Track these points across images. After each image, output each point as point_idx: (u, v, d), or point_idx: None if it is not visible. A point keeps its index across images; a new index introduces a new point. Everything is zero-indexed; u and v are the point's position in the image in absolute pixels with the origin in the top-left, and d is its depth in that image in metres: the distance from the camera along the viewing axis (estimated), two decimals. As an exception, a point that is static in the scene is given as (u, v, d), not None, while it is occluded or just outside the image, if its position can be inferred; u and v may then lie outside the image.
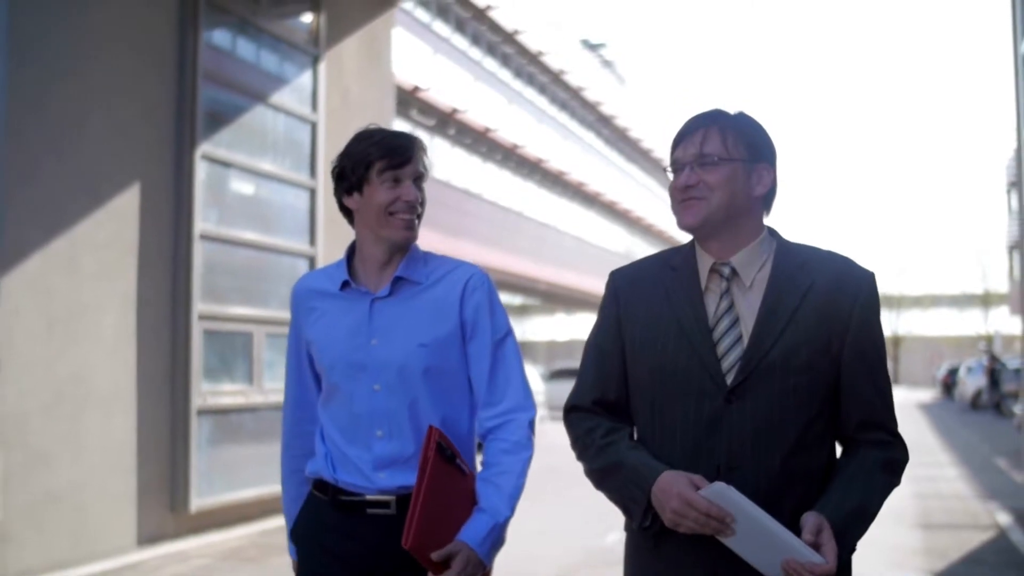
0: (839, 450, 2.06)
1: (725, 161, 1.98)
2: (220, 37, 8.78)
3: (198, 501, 7.95)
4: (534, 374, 21.85)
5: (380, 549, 2.27)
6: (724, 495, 1.80)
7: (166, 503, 7.83)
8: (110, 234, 7.37)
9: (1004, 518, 8.79)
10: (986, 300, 55.56)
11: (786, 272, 1.99)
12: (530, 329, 39.88)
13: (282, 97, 9.39)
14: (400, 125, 18.11)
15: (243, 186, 9.02)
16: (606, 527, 7.89)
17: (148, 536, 7.57)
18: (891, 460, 1.99)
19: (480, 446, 2.41)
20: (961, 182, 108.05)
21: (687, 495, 1.84)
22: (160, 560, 7.16)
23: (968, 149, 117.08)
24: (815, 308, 1.94)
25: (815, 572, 1.76)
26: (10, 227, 6.54)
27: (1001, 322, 49.55)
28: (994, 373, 27.59)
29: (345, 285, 2.39)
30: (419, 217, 2.36)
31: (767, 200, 2.05)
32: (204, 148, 8.22)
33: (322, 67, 9.88)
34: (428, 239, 17.01)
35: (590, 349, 2.16)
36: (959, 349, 54.00)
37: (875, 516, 1.93)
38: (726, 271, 2.01)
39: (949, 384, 38.11)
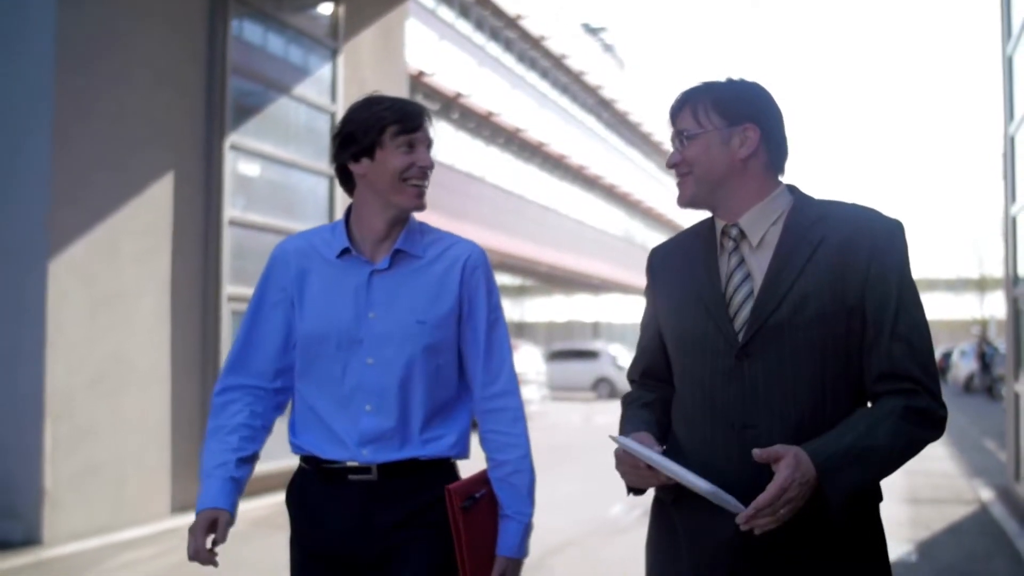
0: None
1: (699, 134, 2.01)
2: (246, 31, 9.19)
3: (227, 473, 8.42)
4: (536, 354, 22.29)
5: (363, 514, 2.27)
6: (627, 446, 1.89)
7: (197, 475, 8.31)
8: (147, 221, 7.82)
9: (987, 494, 9.30)
10: (982, 285, 56.04)
11: (799, 227, 1.97)
12: (529, 310, 40.27)
13: (303, 88, 9.81)
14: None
15: (267, 174, 9.45)
16: (610, 499, 8.37)
17: (181, 505, 8.04)
18: (914, 408, 1.85)
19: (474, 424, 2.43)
20: (958, 167, 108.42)
21: (616, 451, 1.96)
22: (194, 527, 7.62)
23: (966, 134, 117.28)
24: (827, 261, 1.91)
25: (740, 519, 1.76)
26: (56, 216, 6.98)
27: (996, 307, 50.10)
28: (985, 357, 28.06)
29: (344, 252, 2.34)
30: (426, 186, 2.35)
31: (772, 157, 2.04)
32: (232, 138, 8.66)
33: (341, 59, 10.31)
34: (432, 221, 17.34)
35: (641, 322, 2.26)
36: (955, 333, 54.47)
37: (888, 461, 1.83)
38: (734, 232, 2.03)
39: (943, 368, 38.71)
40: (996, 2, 9.65)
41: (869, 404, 1.94)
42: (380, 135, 2.27)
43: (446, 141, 27.46)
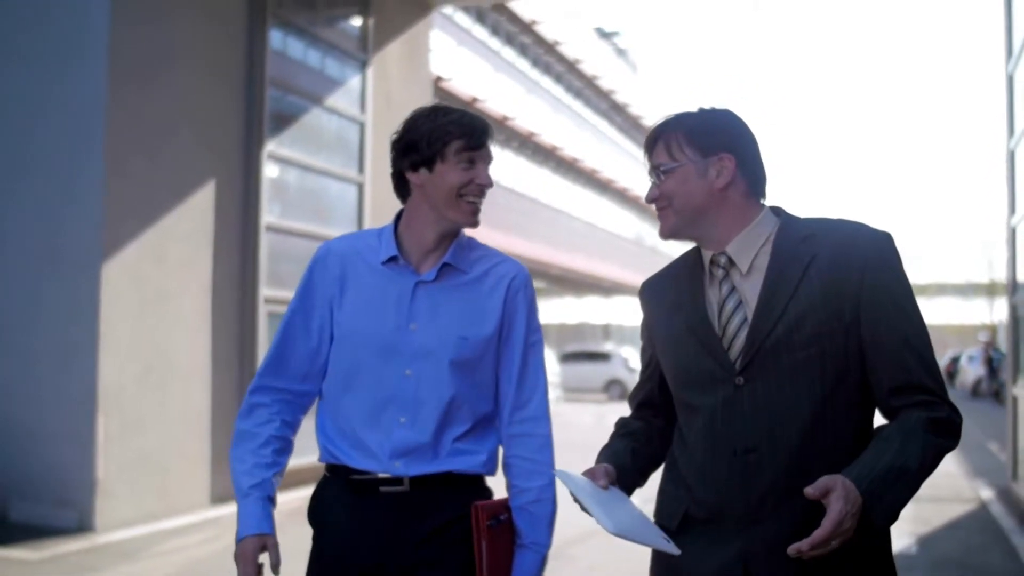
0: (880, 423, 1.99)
1: (674, 168, 2.02)
2: (282, 46, 9.64)
3: (262, 466, 8.87)
4: (549, 356, 22.72)
5: (395, 527, 2.24)
6: (565, 479, 1.92)
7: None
8: (190, 227, 8.27)
9: (986, 493, 9.70)
10: (991, 289, 56.09)
11: (787, 248, 1.97)
12: (539, 312, 40.77)
13: (335, 99, 10.26)
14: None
15: (301, 181, 9.91)
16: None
17: (219, 496, 8.48)
18: (936, 419, 1.85)
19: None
20: (969, 173, 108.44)
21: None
22: (234, 518, 8.06)
23: (977, 140, 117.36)
24: (819, 279, 1.91)
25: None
26: (109, 222, 7.44)
27: (1005, 312, 50.15)
28: (992, 362, 28.30)
29: (391, 260, 2.31)
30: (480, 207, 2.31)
31: (751, 183, 2.04)
32: (269, 148, 9.11)
33: (370, 71, 10.76)
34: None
35: (641, 358, 2.28)
36: (964, 338, 54.54)
37: (921, 476, 1.80)
38: (722, 260, 2.03)
39: (951, 372, 38.89)
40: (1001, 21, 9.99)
41: (884, 419, 1.94)
42: (443, 148, 2.24)
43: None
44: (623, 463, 2.11)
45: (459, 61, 27.37)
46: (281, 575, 2.24)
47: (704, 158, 2.01)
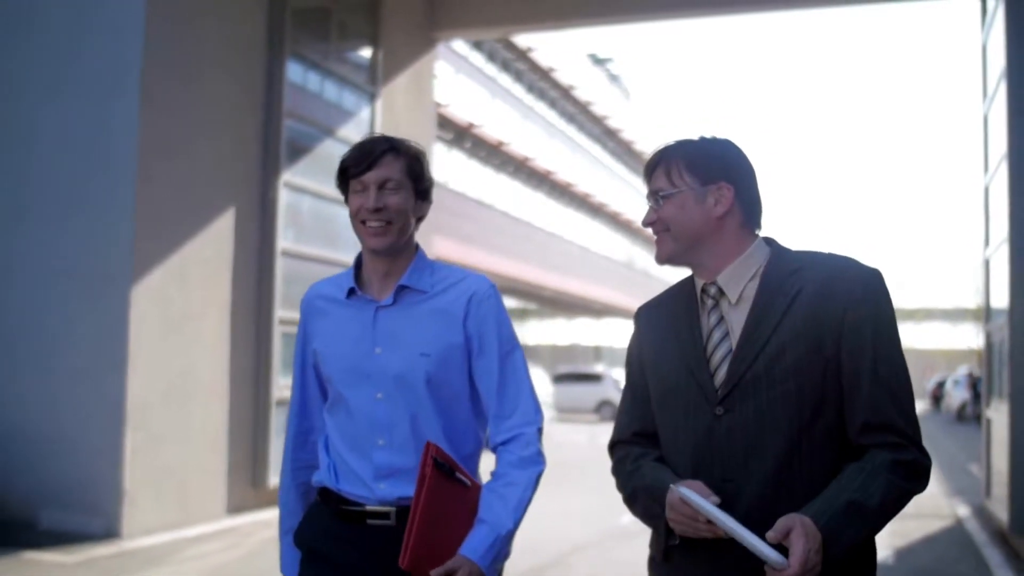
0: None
1: (673, 193, 2.03)
2: (297, 79, 10.15)
3: (274, 479, 9.30)
4: (543, 377, 23.18)
5: (380, 559, 2.26)
6: (688, 498, 1.84)
7: (249, 479, 9.20)
8: (211, 251, 8.75)
9: (963, 511, 10.20)
10: (979, 315, 56.64)
11: (775, 281, 1.98)
12: (530, 333, 41.16)
13: (347, 130, 10.77)
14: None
15: (315, 209, 10.40)
16: (619, 511, 9.20)
17: (235, 506, 8.93)
18: (899, 461, 1.86)
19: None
20: (958, 199, 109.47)
21: (672, 499, 1.91)
22: (250, 527, 8.52)
23: (966, 166, 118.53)
24: (803, 312, 1.91)
25: (775, 570, 1.75)
26: (138, 247, 7.92)
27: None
28: (976, 386, 28.79)
29: (351, 293, 2.39)
30: (392, 223, 2.30)
31: (747, 214, 2.05)
32: (285, 177, 9.61)
33: (378, 103, 11.28)
34: (444, 247, 18.25)
35: (625, 385, 2.24)
36: (952, 362, 54.98)
37: (881, 515, 1.83)
38: (712, 290, 2.03)
39: (937, 396, 39.37)
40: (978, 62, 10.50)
41: (854, 455, 1.93)
42: (345, 180, 2.35)
43: (458, 169, 28.44)
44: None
45: (457, 87, 27.95)
46: None
47: (703, 186, 2.02)
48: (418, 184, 2.35)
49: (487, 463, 2.31)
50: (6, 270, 8.32)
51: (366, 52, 11.36)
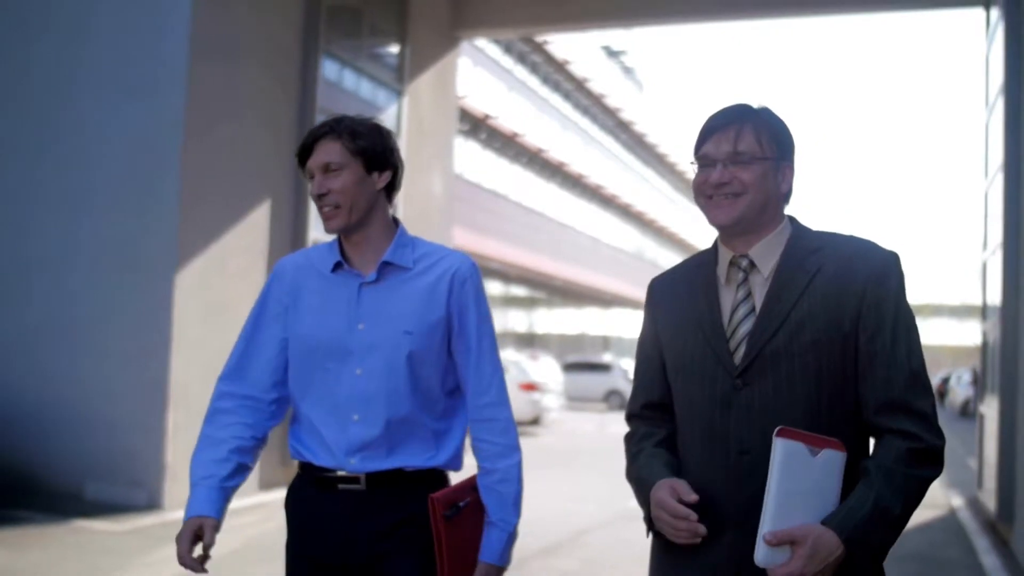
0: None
1: (759, 160, 1.98)
2: (330, 76, 10.63)
3: (303, 458, 9.83)
4: (554, 365, 23.67)
5: (352, 521, 2.32)
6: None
7: (278, 458, 9.71)
8: (248, 242, 9.25)
9: (957, 501, 10.70)
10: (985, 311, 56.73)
11: (796, 258, 1.98)
12: (539, 322, 41.63)
13: (374, 127, 11.24)
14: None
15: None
16: (630, 493, 9.72)
17: (266, 483, 9.43)
18: (915, 450, 1.86)
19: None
20: (966, 198, 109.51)
21: (659, 496, 1.94)
22: (280, 502, 8.98)
23: (972, 164, 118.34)
24: (822, 290, 1.93)
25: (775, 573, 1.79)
26: (182, 240, 8.42)
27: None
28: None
29: (337, 267, 2.40)
30: (340, 206, 2.32)
31: (787, 195, 2.06)
32: (317, 171, 10.09)
33: (405, 100, 11.76)
34: (458, 236, 18.64)
35: (638, 356, 2.25)
36: (958, 359, 55.21)
37: (905, 513, 1.84)
38: (744, 263, 2.03)
39: (942, 392, 39.71)
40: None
41: (870, 434, 1.96)
42: (303, 169, 2.41)
43: (474, 160, 28.91)
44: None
45: (474, 79, 28.39)
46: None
47: (779, 160, 2.02)
48: (368, 158, 2.35)
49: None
50: (63, 259, 8.83)
51: (394, 50, 11.84)
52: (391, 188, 2.43)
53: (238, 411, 2.46)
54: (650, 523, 2.03)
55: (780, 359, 1.93)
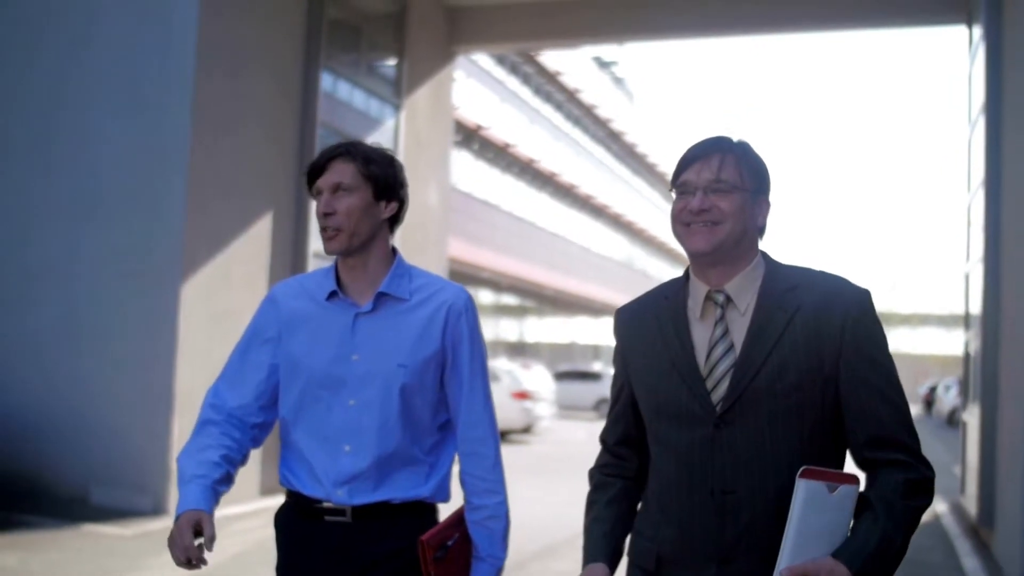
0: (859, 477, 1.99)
1: (739, 190, 1.99)
2: (331, 90, 10.88)
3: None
4: (545, 374, 23.91)
5: (337, 553, 2.32)
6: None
7: (278, 463, 9.91)
8: (251, 253, 9.48)
9: (941, 507, 10.96)
10: (968, 321, 56.92)
11: (774, 296, 1.99)
12: (529, 330, 41.88)
13: (373, 139, 11.40)
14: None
15: (342, 213, 11.13)
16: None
17: (267, 489, 9.63)
18: (911, 481, 1.91)
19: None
20: (953, 206, 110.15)
21: None
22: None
23: (958, 176, 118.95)
24: (803, 330, 1.94)
25: None
26: (187, 249, 8.65)
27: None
28: (966, 392, 29.30)
29: (332, 295, 2.38)
30: (342, 228, 2.31)
31: (762, 230, 2.07)
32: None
33: (403, 114, 12.02)
34: (453, 246, 18.90)
35: (612, 388, 2.25)
36: (945, 368, 55.41)
37: (903, 546, 1.88)
38: (720, 298, 2.02)
39: (929, 401, 39.93)
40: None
41: (862, 472, 1.98)
42: (310, 187, 2.40)
43: (466, 170, 29.17)
44: (611, 548, 2.14)
45: (467, 91, 28.67)
46: None
47: (757, 194, 2.03)
48: (378, 185, 2.35)
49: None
50: (69, 268, 9.05)
51: (392, 65, 12.10)
52: (395, 220, 2.43)
53: (226, 425, 2.42)
54: None
55: (762, 399, 1.94)
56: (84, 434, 8.73)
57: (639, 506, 2.18)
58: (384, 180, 2.36)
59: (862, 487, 1.92)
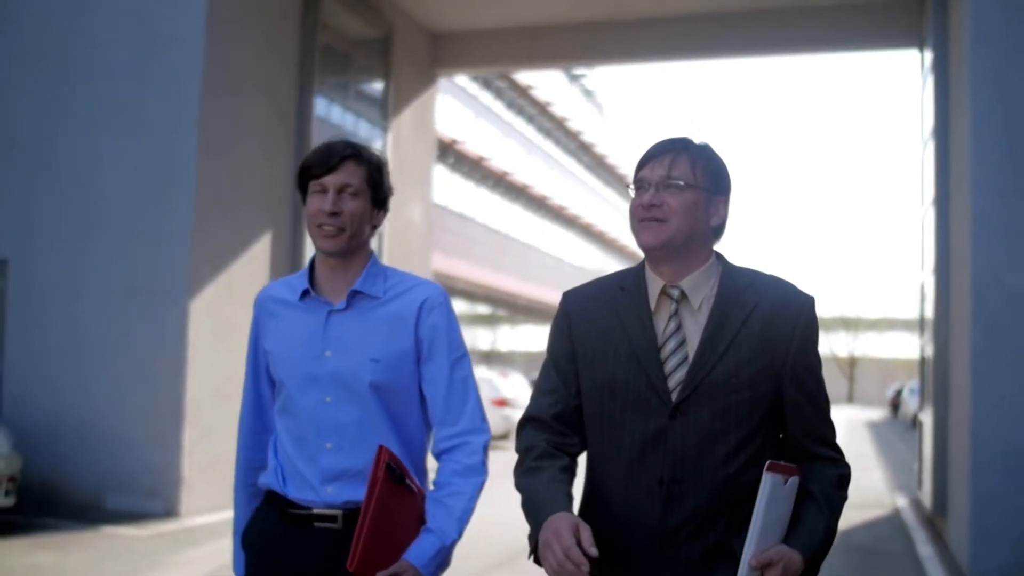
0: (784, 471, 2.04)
1: (690, 188, 2.02)
2: (322, 113, 11.45)
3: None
4: (522, 381, 24.50)
5: (327, 563, 2.27)
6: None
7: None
8: (252, 271, 10.03)
9: (901, 501, 11.70)
10: (923, 326, 57.66)
11: (731, 294, 2.03)
12: (503, 339, 42.41)
13: (362, 161, 12.09)
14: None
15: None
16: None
17: (268, 494, 10.17)
18: (842, 476, 2.09)
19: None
20: (910, 218, 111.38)
21: (558, 528, 1.88)
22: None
23: (920, 179, 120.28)
24: (758, 329, 2.00)
25: None
26: (194, 267, 9.19)
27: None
28: (929, 395, 30.09)
29: (305, 295, 2.38)
30: (345, 229, 2.30)
31: (717, 230, 2.10)
32: (312, 204, 10.92)
33: (389, 135, 12.63)
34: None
35: (547, 365, 2.20)
36: (911, 371, 56.11)
37: (835, 531, 2.05)
38: (675, 294, 2.05)
39: (895, 404, 40.71)
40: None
41: (796, 461, 2.06)
42: (305, 180, 2.38)
43: (441, 184, 29.76)
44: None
45: (443, 106, 29.26)
46: None
47: (712, 194, 2.07)
48: (376, 193, 2.39)
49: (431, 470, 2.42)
50: (78, 288, 9.55)
51: (379, 88, 12.71)
52: (374, 227, 2.45)
53: (266, 455, 2.53)
54: (535, 545, 1.98)
55: (717, 392, 1.99)
56: (99, 445, 9.23)
57: (583, 494, 2.19)
58: (383, 189, 2.43)
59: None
